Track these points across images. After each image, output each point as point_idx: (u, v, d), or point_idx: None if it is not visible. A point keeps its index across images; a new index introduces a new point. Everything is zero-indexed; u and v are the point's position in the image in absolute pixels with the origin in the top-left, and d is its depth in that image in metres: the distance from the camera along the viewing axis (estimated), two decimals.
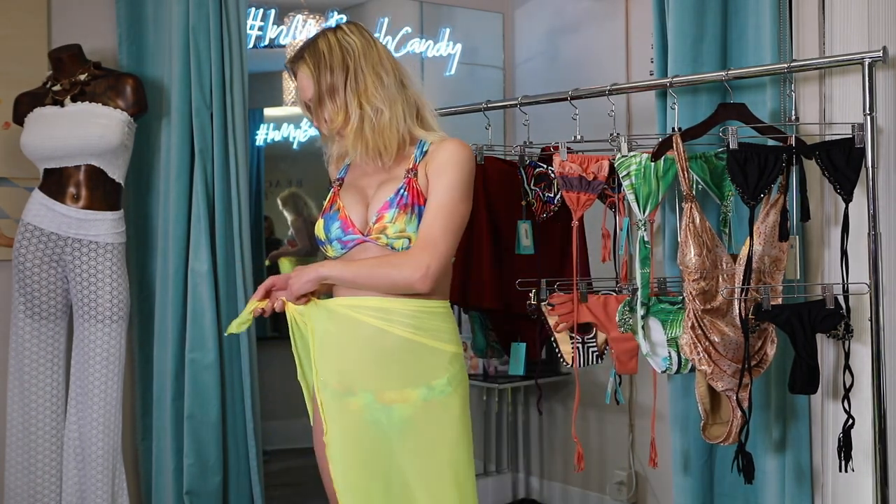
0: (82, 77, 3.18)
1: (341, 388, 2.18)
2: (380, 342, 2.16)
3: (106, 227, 3.11)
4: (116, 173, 3.15)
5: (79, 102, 3.14)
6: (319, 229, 2.27)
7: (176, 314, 3.36)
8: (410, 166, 2.22)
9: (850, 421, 2.46)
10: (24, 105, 3.19)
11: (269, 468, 4.13)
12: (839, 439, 2.48)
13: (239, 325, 2.23)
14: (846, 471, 2.48)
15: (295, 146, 5.59)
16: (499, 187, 2.86)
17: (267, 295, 2.24)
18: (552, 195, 2.79)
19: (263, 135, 5.57)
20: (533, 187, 2.80)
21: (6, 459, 3.14)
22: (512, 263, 2.76)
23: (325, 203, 2.30)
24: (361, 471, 2.18)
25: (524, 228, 2.79)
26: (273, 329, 5.60)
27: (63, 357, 3.18)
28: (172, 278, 3.37)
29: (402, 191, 2.19)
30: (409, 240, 2.16)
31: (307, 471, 5.05)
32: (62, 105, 3.14)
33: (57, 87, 3.18)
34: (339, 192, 2.30)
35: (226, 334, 2.42)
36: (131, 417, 3.50)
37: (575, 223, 2.71)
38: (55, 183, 3.11)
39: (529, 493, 4.59)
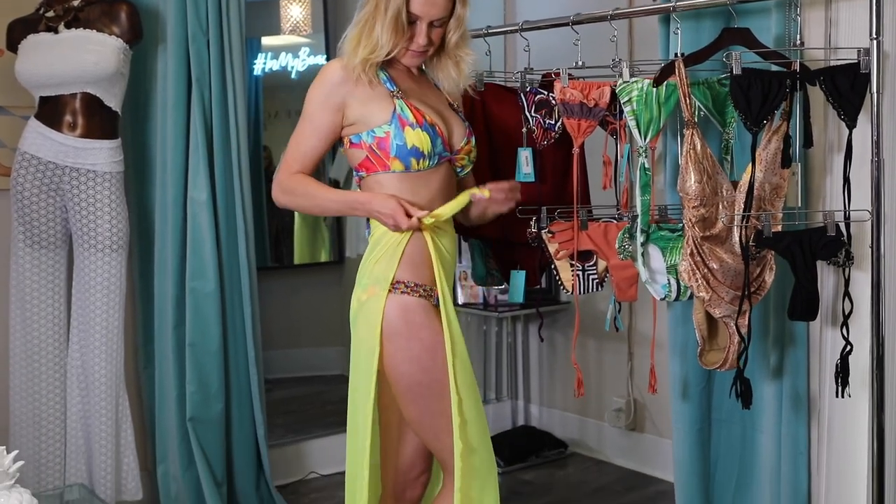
0: (76, 3, 3.12)
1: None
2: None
3: (104, 155, 3.09)
4: (113, 101, 3.12)
5: (73, 29, 3.09)
6: (423, 142, 2.25)
7: (176, 243, 3.36)
8: (451, 101, 2.43)
9: (848, 347, 2.48)
10: (17, 32, 3.15)
11: (271, 397, 4.18)
12: (836, 365, 2.50)
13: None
14: (843, 396, 2.51)
15: (293, 76, 5.54)
16: (499, 114, 2.83)
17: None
18: (553, 122, 2.76)
19: (261, 64, 5.52)
20: (534, 114, 2.78)
21: (10, 387, 3.18)
22: None
23: (408, 112, 2.26)
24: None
25: (525, 156, 2.77)
26: (274, 259, 5.62)
27: (64, 286, 3.19)
28: (171, 207, 3.36)
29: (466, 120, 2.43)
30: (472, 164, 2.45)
31: (308, 398, 5.13)
32: (56, 32, 3.09)
33: (50, 14, 3.12)
34: (413, 104, 2.29)
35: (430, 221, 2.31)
36: (133, 346, 3.53)
37: (576, 150, 2.69)
38: (51, 111, 3.08)
39: (529, 420, 4.65)
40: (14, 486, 2.05)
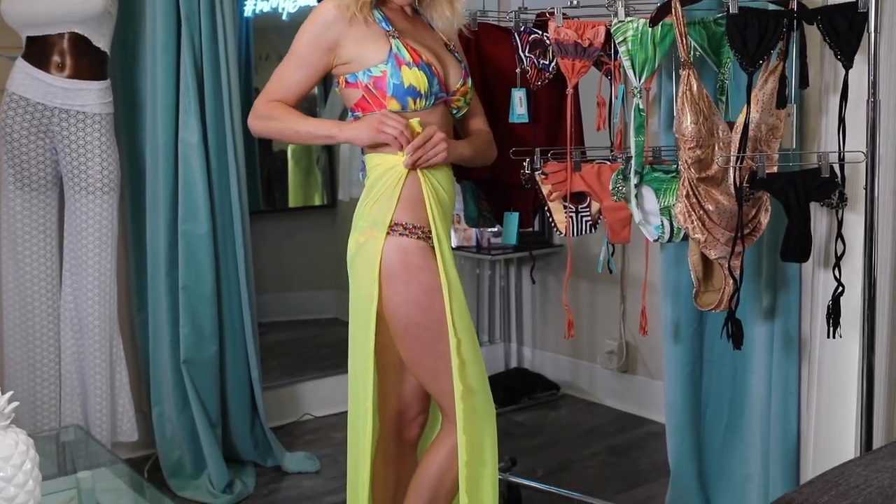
0: None
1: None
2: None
3: (93, 96, 3.06)
4: (101, 42, 3.07)
5: None
6: (420, 81, 2.23)
7: (167, 186, 3.34)
8: (447, 42, 2.41)
9: (840, 288, 2.49)
10: None
11: (265, 340, 4.19)
12: (828, 306, 2.51)
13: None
14: (834, 337, 2.52)
15: (284, 17, 5.46)
16: (493, 54, 2.80)
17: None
18: (547, 62, 2.73)
19: (251, 5, 5.44)
20: (528, 54, 2.74)
21: (4, 329, 3.18)
22: (506, 132, 2.72)
23: (404, 51, 2.24)
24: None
25: (518, 96, 2.75)
26: (266, 203, 5.60)
27: (55, 228, 3.18)
28: (162, 149, 3.33)
29: (462, 61, 2.43)
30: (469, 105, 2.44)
31: (302, 342, 5.15)
32: None
33: None
34: (410, 44, 2.26)
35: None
36: (126, 289, 3.52)
37: (570, 91, 2.66)
38: (39, 51, 3.04)
39: (521, 363, 4.68)
40: (10, 427, 2.05)
